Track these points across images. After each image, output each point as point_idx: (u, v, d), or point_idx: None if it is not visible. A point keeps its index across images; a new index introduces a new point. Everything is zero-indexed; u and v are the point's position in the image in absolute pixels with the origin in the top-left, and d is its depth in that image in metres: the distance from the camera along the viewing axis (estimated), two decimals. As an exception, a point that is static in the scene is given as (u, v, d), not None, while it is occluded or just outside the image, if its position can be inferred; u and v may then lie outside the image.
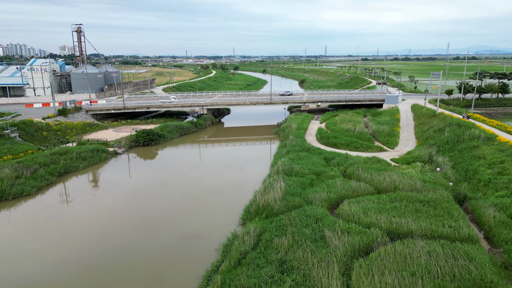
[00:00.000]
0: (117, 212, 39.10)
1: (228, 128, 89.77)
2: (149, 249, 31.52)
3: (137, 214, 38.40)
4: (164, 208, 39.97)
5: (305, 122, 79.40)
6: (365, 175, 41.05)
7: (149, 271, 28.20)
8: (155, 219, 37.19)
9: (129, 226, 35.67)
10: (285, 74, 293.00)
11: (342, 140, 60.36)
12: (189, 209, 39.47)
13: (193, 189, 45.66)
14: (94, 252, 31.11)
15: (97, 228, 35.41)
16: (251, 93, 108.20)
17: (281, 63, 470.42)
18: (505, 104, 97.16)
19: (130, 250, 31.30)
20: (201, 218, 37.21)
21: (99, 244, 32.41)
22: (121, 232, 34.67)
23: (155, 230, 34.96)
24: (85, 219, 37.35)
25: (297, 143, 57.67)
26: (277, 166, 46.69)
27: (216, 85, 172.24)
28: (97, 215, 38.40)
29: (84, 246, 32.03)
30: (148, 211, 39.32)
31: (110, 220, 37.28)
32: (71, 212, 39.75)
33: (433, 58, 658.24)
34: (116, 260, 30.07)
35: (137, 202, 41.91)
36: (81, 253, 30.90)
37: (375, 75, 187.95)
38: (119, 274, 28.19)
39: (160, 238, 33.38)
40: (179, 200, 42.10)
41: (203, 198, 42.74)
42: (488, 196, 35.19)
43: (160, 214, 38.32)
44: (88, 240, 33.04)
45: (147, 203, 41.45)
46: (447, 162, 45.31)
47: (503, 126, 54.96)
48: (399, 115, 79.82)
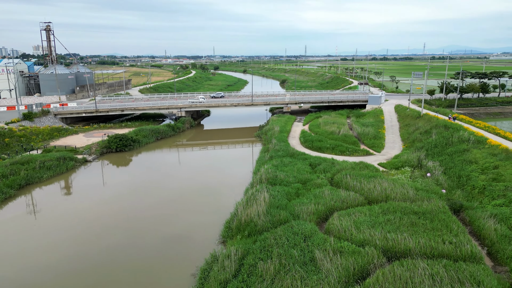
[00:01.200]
0: (79, 227, 35.02)
1: (208, 130, 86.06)
2: (111, 278, 27.75)
3: (97, 238, 34.46)
4: (134, 223, 36.12)
5: (288, 124, 76.63)
6: (354, 183, 38.38)
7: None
8: (121, 242, 33.34)
9: (87, 247, 31.74)
10: (266, 74, 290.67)
11: (327, 144, 57.79)
12: (163, 225, 35.76)
13: (168, 200, 41.91)
14: (61, 262, 27.14)
15: (64, 240, 31.34)
16: (232, 94, 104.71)
17: (262, 63, 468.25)
18: (486, 104, 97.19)
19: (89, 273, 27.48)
20: (177, 235, 33.61)
21: (66, 256, 28.43)
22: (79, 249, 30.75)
23: (121, 255, 31.13)
24: (48, 229, 33.18)
25: (280, 148, 54.68)
26: (260, 173, 43.52)
27: (195, 86, 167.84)
28: (61, 224, 34.28)
29: (55, 255, 28.00)
30: (112, 233, 35.40)
31: (73, 232, 33.23)
32: (43, 219, 35.41)
33: (410, 58, 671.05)
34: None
35: (99, 223, 37.87)
36: (52, 260, 26.89)
37: (356, 75, 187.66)
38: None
39: (129, 259, 29.63)
40: (151, 214, 38.30)
41: (180, 211, 39.09)
42: (485, 205, 33.06)
43: (130, 231, 34.48)
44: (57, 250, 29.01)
45: (111, 223, 37.47)
46: (437, 167, 43.22)
47: (491, 127, 53.57)
48: (383, 116, 78.11)
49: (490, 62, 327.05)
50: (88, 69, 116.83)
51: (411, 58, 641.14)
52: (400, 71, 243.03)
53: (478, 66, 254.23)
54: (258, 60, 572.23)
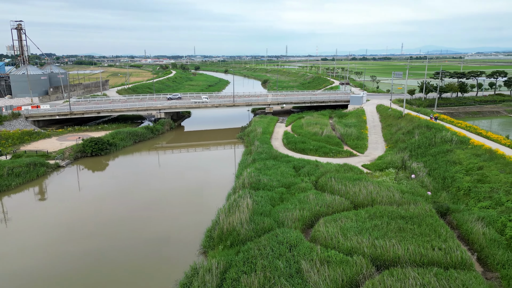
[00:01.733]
0: (51, 234, 32.67)
1: (188, 132, 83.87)
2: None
3: (68, 246, 32.23)
4: (109, 231, 33.98)
5: (271, 125, 75.38)
6: (339, 186, 37.37)
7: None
8: (95, 251, 31.22)
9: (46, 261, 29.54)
10: (247, 74, 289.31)
11: (310, 145, 56.80)
12: (140, 233, 33.76)
13: (146, 207, 39.87)
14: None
15: (36, 247, 29.00)
16: (213, 95, 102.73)
17: (243, 63, 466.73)
18: (465, 103, 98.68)
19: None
20: (156, 245, 31.72)
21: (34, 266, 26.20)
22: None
23: (96, 265, 29.06)
24: (20, 236, 30.72)
25: (263, 150, 53.30)
26: (243, 177, 41.99)
27: (176, 86, 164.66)
28: (33, 232, 31.84)
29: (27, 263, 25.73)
30: (84, 242, 33.20)
31: (46, 238, 30.90)
32: (13, 227, 32.87)
33: (389, 58, 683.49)
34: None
35: (70, 230, 35.56)
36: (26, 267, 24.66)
37: (336, 75, 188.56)
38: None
39: (104, 271, 27.60)
40: (128, 222, 36.22)
41: (158, 218, 37.13)
42: (471, 207, 32.58)
43: (104, 240, 32.36)
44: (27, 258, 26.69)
45: (83, 231, 35.23)
46: (422, 168, 42.76)
47: (472, 127, 53.75)
48: (365, 116, 77.90)
49: (466, 62, 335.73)
50: (62, 70, 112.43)
51: (390, 58, 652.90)
52: (380, 71, 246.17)
53: (454, 66, 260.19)
54: (239, 60, 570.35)
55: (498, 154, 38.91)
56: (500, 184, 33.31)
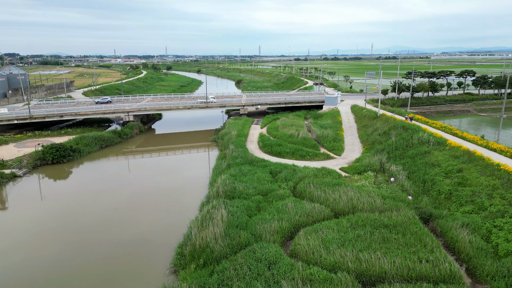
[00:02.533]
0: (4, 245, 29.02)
1: (160, 135, 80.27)
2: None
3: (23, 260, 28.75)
4: (68, 249, 30.65)
5: (245, 127, 73.16)
6: (318, 192, 35.62)
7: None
8: (53, 271, 27.91)
9: None
10: (220, 74, 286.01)
11: (286, 148, 54.99)
12: (105, 248, 30.63)
13: (112, 218, 36.64)
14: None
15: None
16: (185, 96, 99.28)
17: (216, 62, 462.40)
18: (436, 102, 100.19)
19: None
20: (121, 263, 28.75)
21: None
22: None
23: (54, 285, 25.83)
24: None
25: (238, 154, 50.96)
26: (217, 185, 39.50)
27: (146, 87, 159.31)
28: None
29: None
30: (36, 257, 29.78)
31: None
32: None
33: (359, 58, 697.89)
34: None
35: (24, 243, 31.96)
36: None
37: (310, 75, 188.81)
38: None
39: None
40: (91, 235, 32.96)
41: (125, 231, 34.04)
42: (453, 212, 31.62)
43: (62, 259, 29.04)
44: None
45: (40, 247, 31.72)
46: (401, 171, 41.78)
47: (447, 128, 53.60)
48: (341, 117, 77.11)
49: (434, 62, 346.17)
50: (22, 70, 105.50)
51: (360, 58, 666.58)
52: (352, 71, 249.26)
53: (423, 66, 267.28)
54: (212, 60, 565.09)
55: (476, 155, 38.38)
56: (482, 188, 32.56)
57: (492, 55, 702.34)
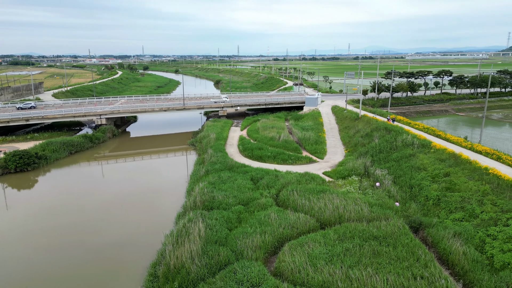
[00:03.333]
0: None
1: (135, 138, 76.64)
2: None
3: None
4: (31, 267, 27.44)
5: (225, 130, 70.63)
6: (302, 201, 33.62)
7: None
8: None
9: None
10: (199, 74, 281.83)
11: (268, 152, 52.88)
12: (71, 265, 27.56)
13: (81, 231, 33.47)
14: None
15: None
16: (161, 97, 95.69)
17: (195, 63, 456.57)
18: (415, 102, 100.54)
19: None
20: (88, 283, 25.78)
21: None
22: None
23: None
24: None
25: (217, 159, 48.43)
26: (194, 194, 36.90)
27: (121, 88, 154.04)
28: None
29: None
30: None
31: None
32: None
33: (337, 58, 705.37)
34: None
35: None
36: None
37: (289, 75, 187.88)
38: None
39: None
40: (59, 252, 29.76)
41: (94, 246, 31.00)
42: (443, 219, 30.24)
43: (26, 278, 25.86)
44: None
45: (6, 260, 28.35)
46: (386, 175, 40.34)
47: (430, 129, 52.79)
48: (322, 118, 75.70)
49: (410, 62, 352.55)
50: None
51: (338, 58, 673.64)
52: (330, 71, 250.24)
53: (397, 65, 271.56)
54: (190, 60, 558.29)
55: (463, 158, 37.34)
56: (471, 193, 31.35)
57: (464, 55, 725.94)
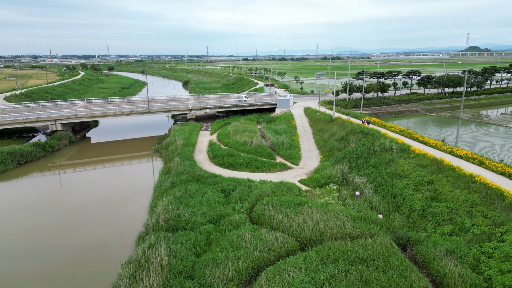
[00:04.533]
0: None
1: (96, 145, 70.81)
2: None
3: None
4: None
5: (193, 134, 66.43)
6: (279, 217, 30.35)
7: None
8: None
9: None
10: (167, 74, 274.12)
11: (240, 159, 49.36)
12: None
13: (23, 260, 28.55)
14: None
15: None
16: (124, 100, 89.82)
17: (162, 63, 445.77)
18: (386, 103, 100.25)
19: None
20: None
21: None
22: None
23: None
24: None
25: (184, 169, 44.32)
26: (158, 212, 32.74)
27: (83, 90, 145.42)
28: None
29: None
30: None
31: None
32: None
33: (305, 58, 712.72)
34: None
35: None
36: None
37: (259, 75, 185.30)
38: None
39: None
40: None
41: (37, 277, 26.27)
42: (431, 233, 27.90)
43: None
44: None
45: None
46: (366, 183, 37.86)
47: (407, 132, 51.15)
48: (295, 121, 73.06)
49: (377, 62, 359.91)
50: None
51: (307, 59, 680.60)
52: (300, 71, 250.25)
53: (363, 65, 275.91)
54: (158, 60, 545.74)
55: (445, 164, 35.43)
56: (459, 203, 29.24)
57: (426, 55, 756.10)
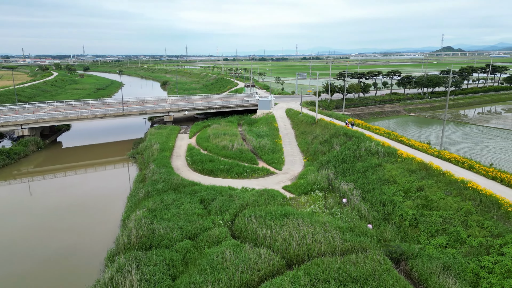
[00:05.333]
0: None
1: (67, 150, 66.64)
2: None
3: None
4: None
5: (171, 138, 63.36)
6: (263, 230, 28.06)
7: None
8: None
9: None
10: (145, 75, 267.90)
11: (220, 165, 46.81)
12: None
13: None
14: None
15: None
16: (98, 102, 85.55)
17: (140, 63, 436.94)
18: (367, 103, 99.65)
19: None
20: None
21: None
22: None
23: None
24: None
25: (160, 177, 41.42)
26: (130, 227, 29.86)
27: (55, 91, 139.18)
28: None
29: None
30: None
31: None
32: None
33: (285, 58, 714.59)
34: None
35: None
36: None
37: (240, 76, 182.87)
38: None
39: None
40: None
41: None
42: (424, 245, 26.23)
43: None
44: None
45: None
46: (353, 190, 36.08)
47: (392, 134, 49.84)
48: (277, 123, 71.04)
49: (356, 62, 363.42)
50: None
51: (286, 59, 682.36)
52: (280, 71, 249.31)
53: (343, 65, 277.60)
54: (136, 60, 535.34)
55: (435, 169, 34.01)
56: (452, 212, 27.72)
57: (402, 55, 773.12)
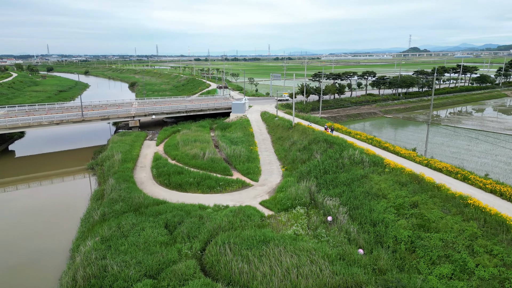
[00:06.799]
0: None
1: (20, 159, 59.68)
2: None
3: None
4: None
5: (136, 146, 57.75)
6: (239, 264, 23.65)
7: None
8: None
9: None
10: (112, 75, 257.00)
11: (190, 177, 41.97)
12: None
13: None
14: None
15: None
16: (55, 107, 78.12)
17: (109, 63, 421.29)
18: (343, 105, 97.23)
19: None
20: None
21: None
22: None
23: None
24: None
25: (120, 195, 36.09)
26: (76, 264, 24.64)
27: (12, 94, 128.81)
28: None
29: None
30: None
31: None
32: None
33: (258, 58, 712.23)
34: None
35: None
36: None
37: (212, 76, 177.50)
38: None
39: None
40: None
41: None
42: (426, 275, 22.68)
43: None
44: None
45: None
46: (339, 206, 32.29)
47: (375, 140, 46.68)
48: (252, 128, 66.75)
49: (335, 62, 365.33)
50: None
51: (259, 59, 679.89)
52: (253, 72, 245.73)
53: (315, 66, 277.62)
54: (104, 60, 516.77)
55: (427, 182, 30.79)
56: (454, 234, 24.36)
57: (371, 55, 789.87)
